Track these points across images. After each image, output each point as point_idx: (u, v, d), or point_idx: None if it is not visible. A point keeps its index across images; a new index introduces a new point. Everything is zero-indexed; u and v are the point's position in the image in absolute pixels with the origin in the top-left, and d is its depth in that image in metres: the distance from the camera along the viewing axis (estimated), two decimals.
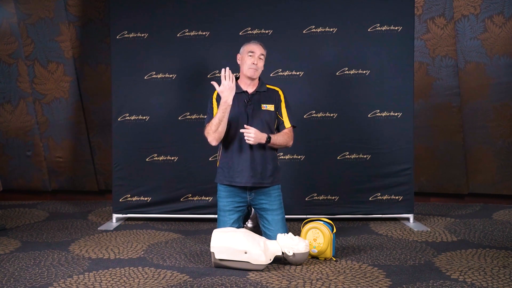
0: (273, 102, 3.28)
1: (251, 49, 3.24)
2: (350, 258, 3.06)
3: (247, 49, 3.26)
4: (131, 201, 4.03)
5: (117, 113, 4.01)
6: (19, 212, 4.48)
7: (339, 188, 3.98)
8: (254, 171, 3.19)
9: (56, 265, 2.94)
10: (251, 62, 3.22)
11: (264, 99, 3.28)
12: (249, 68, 3.22)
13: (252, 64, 3.21)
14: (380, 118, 3.95)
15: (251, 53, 3.23)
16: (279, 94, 3.33)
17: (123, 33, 3.99)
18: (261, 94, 3.28)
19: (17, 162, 4.98)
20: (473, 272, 2.76)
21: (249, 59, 3.23)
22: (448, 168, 4.65)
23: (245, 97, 3.25)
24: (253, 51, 3.23)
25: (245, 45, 3.30)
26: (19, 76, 4.85)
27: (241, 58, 3.30)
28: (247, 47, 3.28)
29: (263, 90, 3.30)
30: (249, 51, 3.24)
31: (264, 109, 3.25)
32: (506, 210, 4.36)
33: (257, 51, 3.24)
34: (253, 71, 3.23)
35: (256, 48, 3.25)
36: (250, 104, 3.23)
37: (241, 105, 3.23)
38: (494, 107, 4.47)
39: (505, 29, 4.35)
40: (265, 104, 3.26)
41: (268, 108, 3.26)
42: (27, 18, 4.75)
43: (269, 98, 3.29)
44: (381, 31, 3.92)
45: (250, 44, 3.28)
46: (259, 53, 3.24)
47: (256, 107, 3.24)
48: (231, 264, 2.84)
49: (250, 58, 3.23)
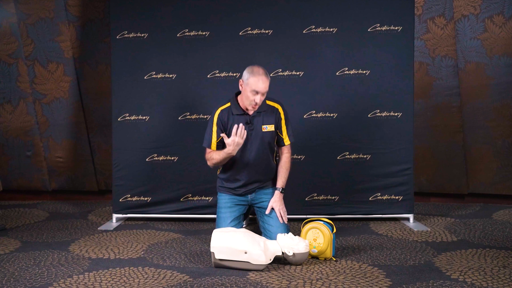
0: (273, 122, 3.25)
1: (255, 88, 3.05)
2: (350, 258, 3.06)
3: (251, 86, 3.05)
4: (131, 201, 4.03)
5: (117, 113, 4.01)
6: (19, 212, 4.48)
7: (339, 188, 3.98)
8: (256, 182, 3.31)
9: (56, 265, 2.94)
10: (253, 100, 3.09)
11: (264, 119, 3.23)
12: (250, 105, 3.13)
13: (254, 102, 3.10)
14: (380, 118, 3.95)
15: (255, 92, 3.06)
16: (279, 112, 3.28)
17: (123, 33, 3.99)
18: (261, 114, 3.23)
19: (17, 162, 4.98)
20: (473, 272, 2.76)
21: (252, 96, 3.07)
22: (448, 168, 4.65)
23: (246, 119, 3.21)
24: (258, 91, 3.05)
25: (250, 76, 3.07)
26: (19, 76, 4.85)
27: (243, 87, 3.13)
28: (252, 82, 3.05)
29: (263, 110, 3.23)
30: (254, 89, 3.05)
31: (264, 130, 3.23)
32: (506, 210, 4.36)
33: (262, 90, 3.06)
34: (252, 109, 3.17)
35: (262, 87, 3.05)
36: (251, 128, 3.21)
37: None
38: (494, 107, 4.47)
39: (505, 29, 4.35)
40: (266, 125, 3.23)
41: (269, 129, 3.24)
42: (27, 18, 4.75)
43: (269, 117, 3.24)
44: (381, 31, 3.92)
45: (256, 78, 3.05)
46: (264, 91, 3.08)
47: (256, 129, 3.22)
48: (231, 264, 2.84)
49: (253, 95, 3.07)
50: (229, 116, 3.22)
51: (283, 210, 3.29)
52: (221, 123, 3.23)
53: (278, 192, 3.30)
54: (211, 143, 3.26)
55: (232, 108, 3.22)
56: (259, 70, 3.08)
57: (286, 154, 3.36)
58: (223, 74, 3.96)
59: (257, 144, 3.23)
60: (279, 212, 3.26)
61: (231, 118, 3.21)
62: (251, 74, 3.07)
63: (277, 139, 3.33)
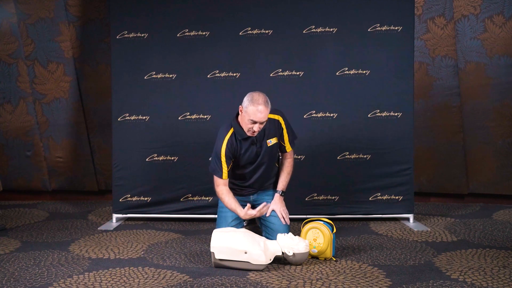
0: (276, 134, 3.26)
1: (253, 118, 3.00)
2: (350, 258, 3.06)
3: (250, 115, 3.00)
4: (131, 201, 4.03)
5: (117, 113, 4.01)
6: (19, 212, 4.48)
7: (339, 188, 3.98)
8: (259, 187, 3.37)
9: (56, 265, 2.94)
10: (251, 128, 3.06)
11: (267, 133, 3.22)
12: (248, 132, 3.11)
13: (251, 130, 3.08)
14: (380, 118, 3.95)
15: (253, 121, 3.02)
16: (280, 123, 3.27)
17: (123, 33, 3.99)
18: (264, 130, 3.20)
19: (17, 162, 4.98)
20: (473, 272, 2.76)
21: (250, 124, 3.04)
22: (448, 168, 4.65)
23: (251, 140, 3.20)
24: (255, 121, 3.01)
25: (249, 104, 3.01)
26: (19, 76, 4.85)
27: (242, 113, 3.08)
28: (250, 111, 3.00)
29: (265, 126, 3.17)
30: (251, 119, 3.01)
31: (269, 145, 3.24)
32: (506, 210, 4.36)
33: (260, 120, 3.02)
34: (251, 135, 3.14)
35: (259, 117, 3.00)
36: (258, 146, 3.22)
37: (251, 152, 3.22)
38: (494, 107, 4.47)
39: (505, 29, 4.35)
40: (270, 139, 3.24)
41: (273, 142, 3.25)
42: (27, 18, 4.75)
43: (271, 131, 3.24)
44: (381, 31, 3.92)
45: (255, 108, 2.99)
46: (261, 121, 3.04)
47: (263, 146, 3.23)
48: (231, 264, 2.84)
49: (251, 124, 3.04)
50: (236, 142, 3.19)
51: (284, 212, 3.30)
52: (230, 152, 3.18)
53: (278, 195, 3.32)
54: (222, 174, 3.20)
55: (237, 134, 3.18)
56: (259, 99, 3.00)
57: (289, 159, 3.37)
58: (223, 74, 3.96)
59: (266, 159, 3.26)
60: (280, 213, 3.27)
61: (239, 144, 3.20)
62: (251, 103, 3.01)
63: (281, 147, 3.35)
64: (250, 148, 3.21)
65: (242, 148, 3.19)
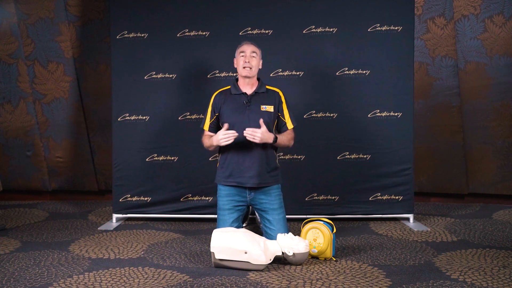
0: (273, 103, 3.28)
1: (241, 50, 3.30)
2: (350, 258, 3.06)
3: (238, 51, 3.32)
4: (131, 201, 4.03)
5: (117, 113, 4.01)
6: (19, 212, 4.48)
7: (339, 188, 3.98)
8: (255, 171, 3.20)
9: (56, 265, 2.94)
10: (243, 61, 3.25)
11: (263, 100, 3.28)
12: (243, 68, 3.26)
13: (245, 63, 3.24)
14: (380, 118, 3.95)
15: (242, 53, 3.27)
16: (279, 95, 3.33)
17: (123, 33, 3.99)
18: (260, 95, 3.29)
19: (17, 162, 4.98)
20: (473, 272, 2.76)
21: (241, 59, 3.27)
22: (448, 168, 4.65)
23: (244, 98, 3.26)
24: (244, 50, 3.27)
25: (237, 48, 3.35)
26: (19, 76, 4.85)
27: (236, 61, 3.34)
28: (238, 49, 3.33)
29: (262, 91, 3.30)
30: (240, 52, 3.29)
31: (263, 110, 3.24)
32: (506, 210, 4.37)
33: (248, 49, 3.27)
34: (247, 71, 3.25)
35: (246, 47, 3.28)
36: (249, 106, 3.24)
37: (240, 107, 3.24)
38: (494, 107, 4.47)
39: (505, 29, 4.35)
40: (264, 105, 3.25)
41: (268, 109, 3.25)
42: (27, 18, 4.75)
43: (268, 99, 3.29)
44: (381, 31, 3.92)
45: (241, 45, 3.33)
46: (250, 50, 3.26)
47: (255, 108, 3.24)
48: (231, 264, 2.84)
49: (242, 58, 3.27)
50: (226, 97, 3.31)
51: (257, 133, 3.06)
52: (216, 104, 3.32)
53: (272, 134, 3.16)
54: (205, 123, 3.36)
55: (231, 89, 3.32)
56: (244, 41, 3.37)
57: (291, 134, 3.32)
58: (223, 74, 3.97)
59: (256, 123, 3.14)
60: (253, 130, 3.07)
61: (229, 98, 3.29)
62: (238, 46, 3.35)
63: (280, 124, 3.33)
64: (241, 106, 3.25)
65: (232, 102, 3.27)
